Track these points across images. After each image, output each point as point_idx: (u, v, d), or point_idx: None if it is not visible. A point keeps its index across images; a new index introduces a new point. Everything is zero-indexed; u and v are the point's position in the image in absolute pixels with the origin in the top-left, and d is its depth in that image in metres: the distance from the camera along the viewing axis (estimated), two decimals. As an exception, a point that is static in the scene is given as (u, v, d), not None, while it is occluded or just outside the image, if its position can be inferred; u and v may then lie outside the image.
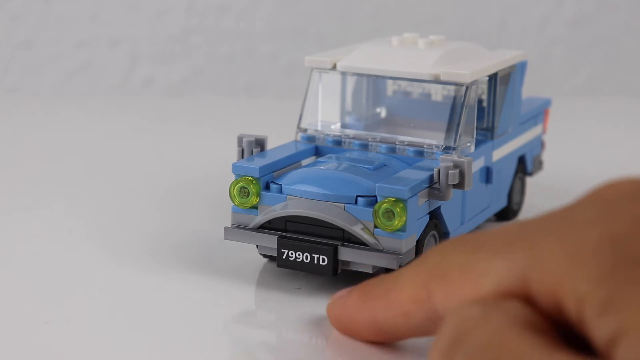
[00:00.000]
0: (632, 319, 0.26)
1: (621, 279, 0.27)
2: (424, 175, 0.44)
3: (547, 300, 0.29)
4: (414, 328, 0.34)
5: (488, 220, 0.55)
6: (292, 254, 0.44)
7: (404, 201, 0.43)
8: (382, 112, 0.56)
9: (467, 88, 0.48)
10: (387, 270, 0.43)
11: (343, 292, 0.38)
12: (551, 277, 0.28)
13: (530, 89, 0.65)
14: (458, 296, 0.31)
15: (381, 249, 0.43)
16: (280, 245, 0.44)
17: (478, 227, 0.52)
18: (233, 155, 0.50)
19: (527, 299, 0.29)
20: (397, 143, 0.49)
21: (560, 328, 0.29)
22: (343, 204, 0.44)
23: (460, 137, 0.48)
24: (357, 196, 0.44)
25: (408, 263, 0.43)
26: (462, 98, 0.48)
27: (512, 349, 0.27)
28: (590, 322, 0.27)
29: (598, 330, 0.27)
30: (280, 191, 0.45)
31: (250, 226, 0.46)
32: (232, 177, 0.46)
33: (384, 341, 0.37)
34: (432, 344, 0.30)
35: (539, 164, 0.60)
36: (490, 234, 0.32)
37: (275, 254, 0.45)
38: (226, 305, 0.44)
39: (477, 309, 0.29)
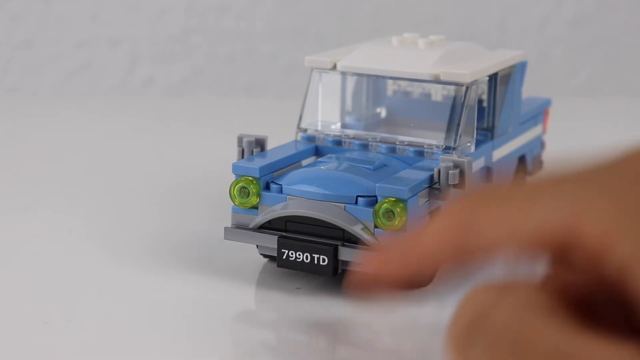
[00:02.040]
0: None
1: None
2: (424, 175, 0.44)
3: (589, 252, 0.27)
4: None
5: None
6: (292, 254, 0.44)
7: (404, 201, 0.43)
8: (382, 112, 0.56)
9: (467, 88, 0.48)
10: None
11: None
12: (598, 227, 0.27)
13: (530, 89, 0.65)
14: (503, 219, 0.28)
15: (381, 249, 0.43)
16: (280, 245, 0.44)
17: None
18: (233, 155, 0.50)
19: (564, 249, 0.27)
20: (397, 143, 0.49)
21: (588, 294, 0.28)
22: (343, 204, 0.44)
23: (460, 137, 0.48)
24: (357, 196, 0.44)
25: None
26: (462, 98, 0.48)
27: (532, 330, 0.26)
28: (638, 284, 0.25)
29: None
30: (281, 191, 0.45)
31: (251, 226, 0.46)
32: (232, 177, 0.46)
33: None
34: (448, 329, 0.29)
35: (539, 164, 0.60)
36: (527, 184, 0.29)
37: (275, 254, 0.45)
38: (226, 305, 0.44)
39: (491, 293, 0.29)
